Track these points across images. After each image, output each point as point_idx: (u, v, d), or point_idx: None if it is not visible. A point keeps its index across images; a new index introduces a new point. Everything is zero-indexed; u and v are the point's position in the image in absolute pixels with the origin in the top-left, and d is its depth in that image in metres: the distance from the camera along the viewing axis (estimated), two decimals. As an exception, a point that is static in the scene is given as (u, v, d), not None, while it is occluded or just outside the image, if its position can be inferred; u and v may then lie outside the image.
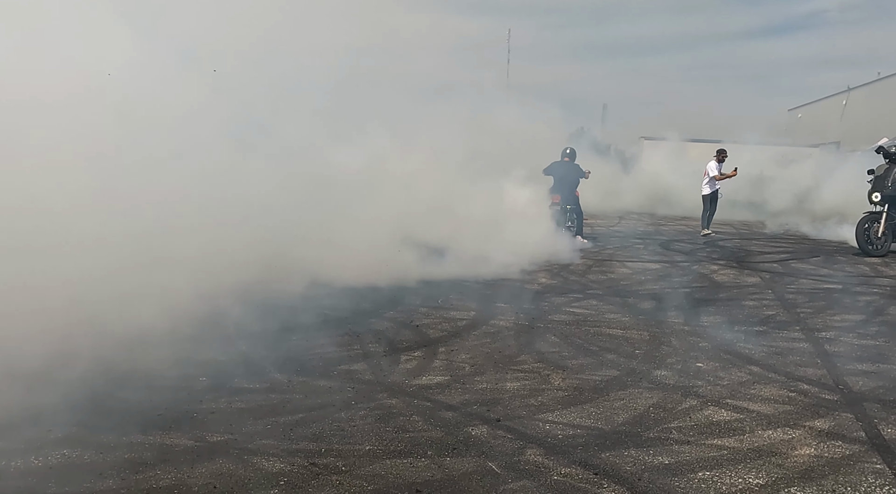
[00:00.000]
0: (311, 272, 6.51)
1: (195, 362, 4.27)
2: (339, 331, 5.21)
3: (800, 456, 3.18)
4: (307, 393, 3.87)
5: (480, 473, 2.93)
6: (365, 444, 3.20)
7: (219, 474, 2.86)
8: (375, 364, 4.46)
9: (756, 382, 4.25)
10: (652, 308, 6.34)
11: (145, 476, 2.83)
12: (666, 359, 4.70)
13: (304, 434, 3.30)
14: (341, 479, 2.85)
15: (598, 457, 3.12)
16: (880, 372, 4.52)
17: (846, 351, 5.02)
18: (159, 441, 3.17)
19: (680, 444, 3.29)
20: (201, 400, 3.70)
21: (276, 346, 4.71)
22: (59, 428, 3.24)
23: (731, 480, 2.93)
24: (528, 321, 5.73)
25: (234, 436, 3.25)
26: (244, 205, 5.83)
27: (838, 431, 3.49)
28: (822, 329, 5.67)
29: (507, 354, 4.76)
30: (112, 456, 3.00)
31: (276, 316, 5.31)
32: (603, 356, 4.76)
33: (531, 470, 2.97)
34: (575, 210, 10.85)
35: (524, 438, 3.32)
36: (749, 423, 3.57)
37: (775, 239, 12.93)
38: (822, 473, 3.01)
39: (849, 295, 7.17)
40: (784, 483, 2.91)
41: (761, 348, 5.03)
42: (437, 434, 3.33)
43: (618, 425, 3.52)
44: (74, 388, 3.62)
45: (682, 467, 3.04)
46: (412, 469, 2.96)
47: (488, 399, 3.85)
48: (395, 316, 5.81)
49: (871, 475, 3.00)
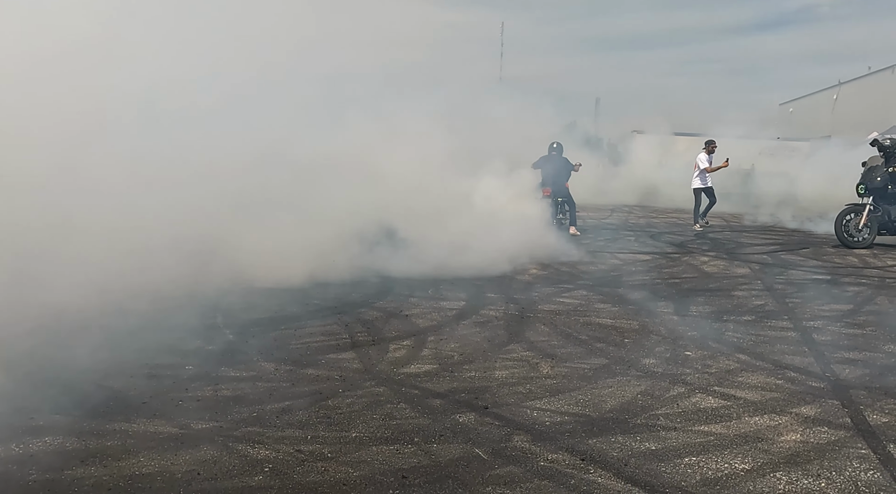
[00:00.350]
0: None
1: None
2: (329, 321, 5.18)
3: (786, 442, 3.19)
4: (294, 381, 3.84)
5: (467, 459, 2.92)
6: (351, 431, 3.19)
7: (203, 461, 2.84)
8: (364, 353, 4.44)
9: (744, 370, 4.26)
10: (642, 298, 6.35)
11: (128, 463, 2.80)
12: (654, 348, 4.71)
13: (290, 421, 3.28)
14: (327, 465, 2.83)
15: (585, 443, 3.11)
16: (867, 360, 4.55)
17: (834, 339, 5.04)
18: (143, 428, 3.14)
19: (667, 430, 3.29)
20: (187, 387, 3.67)
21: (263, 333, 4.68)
22: (40, 417, 3.21)
23: (718, 465, 2.93)
24: (517, 311, 5.72)
25: (220, 424, 3.22)
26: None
27: (824, 417, 3.50)
28: (810, 318, 5.69)
29: (496, 343, 4.75)
30: (94, 444, 2.96)
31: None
32: (592, 345, 4.76)
33: (518, 456, 2.96)
34: (567, 201, 10.86)
35: (511, 425, 3.31)
36: (736, 410, 3.58)
37: (765, 231, 12.99)
38: (808, 458, 3.02)
39: (837, 286, 7.21)
40: (770, 467, 2.92)
41: (749, 337, 5.05)
42: (424, 422, 3.32)
43: (605, 412, 3.52)
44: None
45: (669, 452, 3.04)
46: (398, 456, 2.94)
47: (476, 387, 3.84)
48: (385, 305, 5.79)
49: (856, 459, 3.02)
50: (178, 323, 4.75)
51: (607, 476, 2.81)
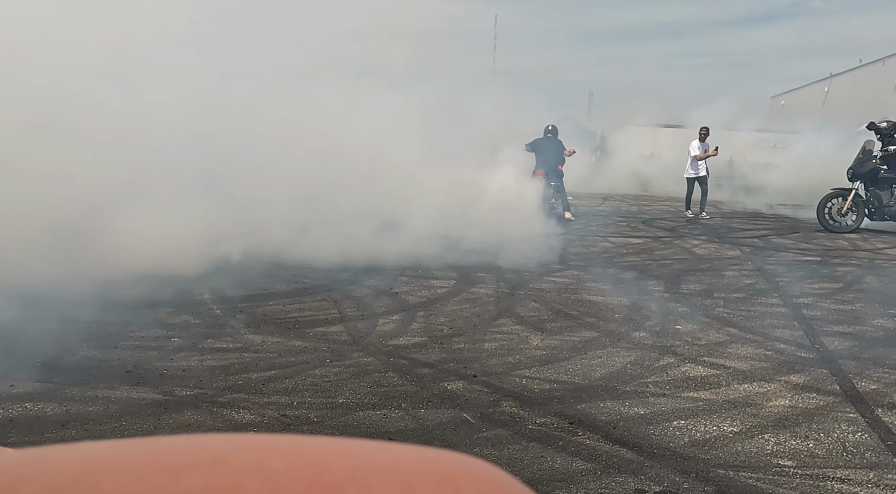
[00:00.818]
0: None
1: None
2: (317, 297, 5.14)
3: (774, 407, 3.18)
4: (281, 352, 3.80)
5: (455, 423, 2.89)
6: (338, 397, 3.15)
7: (185, 425, 2.80)
8: (352, 326, 4.40)
9: (733, 342, 4.25)
10: (633, 277, 6.34)
11: (109, 428, 2.75)
12: (645, 322, 4.69)
13: (276, 388, 3.24)
14: (312, 428, 2.80)
15: (574, 409, 3.09)
16: (856, 333, 4.55)
17: (823, 315, 5.05)
18: (126, 395, 3.10)
19: (656, 397, 3.28)
20: (172, 358, 3.62)
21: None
22: (20, 384, 3.15)
23: (706, 428, 2.92)
24: (508, 289, 5.70)
25: (204, 391, 3.18)
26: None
27: (813, 384, 3.50)
28: (799, 295, 5.70)
29: (486, 318, 4.72)
30: (75, 409, 2.92)
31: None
32: (582, 319, 4.74)
33: (506, 421, 2.94)
34: (558, 186, 10.82)
35: (500, 392, 3.28)
36: (725, 378, 3.57)
37: (756, 217, 13.01)
38: (796, 421, 3.01)
39: (827, 267, 7.22)
40: (758, 430, 2.91)
41: (740, 312, 5.05)
42: (413, 389, 3.29)
43: (594, 380, 3.50)
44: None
45: (658, 417, 3.03)
46: (385, 420, 2.91)
47: (465, 357, 3.81)
48: (376, 284, 5.75)
49: (845, 422, 3.01)
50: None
51: (596, 438, 2.79)
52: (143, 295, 4.88)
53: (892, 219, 10.00)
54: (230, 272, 5.80)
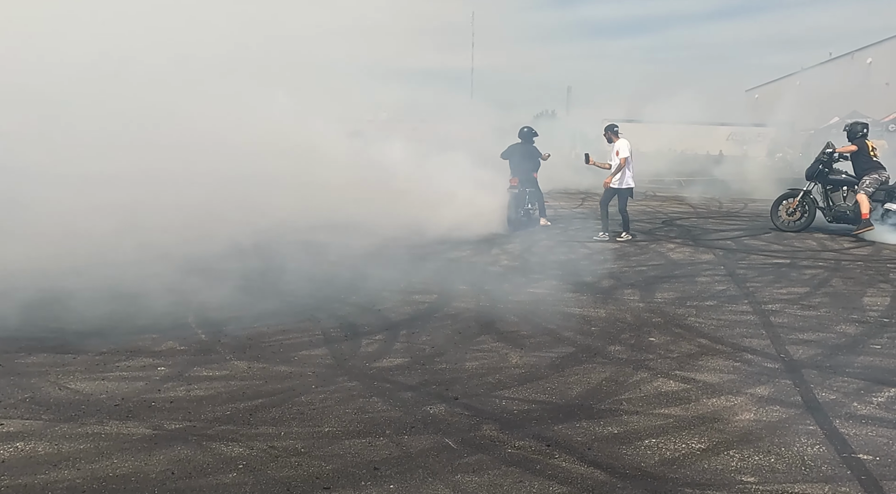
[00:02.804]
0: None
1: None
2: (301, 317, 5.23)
3: (740, 421, 3.36)
4: (267, 379, 3.89)
5: (437, 449, 3.02)
6: (324, 426, 3.26)
7: (177, 460, 2.88)
8: (336, 348, 4.50)
9: (704, 354, 4.44)
10: (609, 286, 6.52)
11: (101, 466, 2.83)
12: (620, 335, 4.86)
13: (263, 418, 3.34)
14: (300, 460, 2.90)
15: (552, 430, 3.24)
16: (819, 340, 4.77)
17: (789, 322, 5.27)
18: (116, 430, 3.17)
19: (629, 414, 3.44)
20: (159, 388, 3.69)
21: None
22: (9, 422, 3.21)
23: (676, 445, 3.08)
24: (489, 302, 5.83)
25: (193, 423, 3.26)
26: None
27: (777, 396, 3.69)
28: (768, 301, 5.92)
29: (467, 335, 4.85)
30: (67, 447, 2.98)
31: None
32: (560, 333, 4.90)
33: (486, 445, 3.07)
34: (535, 193, 10.98)
35: (481, 414, 3.42)
36: (695, 392, 3.75)
37: (730, 216, 13.32)
38: (760, 436, 3.19)
39: (795, 270, 7.48)
40: (724, 446, 3.08)
41: (711, 321, 5.24)
42: (396, 414, 3.41)
43: (571, 399, 3.65)
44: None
45: (630, 435, 3.19)
46: (370, 449, 3.02)
47: (447, 378, 3.93)
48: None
49: (804, 435, 3.20)
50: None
51: (571, 460, 2.93)
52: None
53: (836, 221, 10.21)
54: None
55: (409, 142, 11.07)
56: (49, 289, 5.34)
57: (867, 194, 9.63)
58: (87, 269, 5.89)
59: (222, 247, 7.03)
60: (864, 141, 9.92)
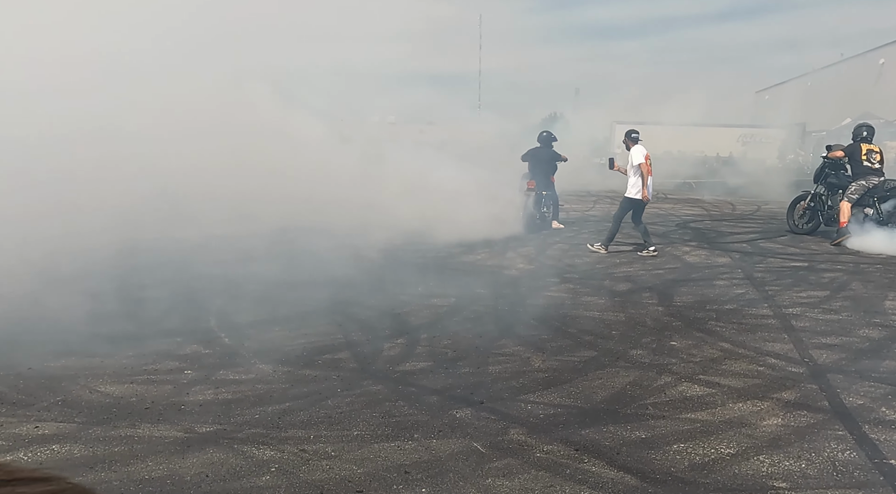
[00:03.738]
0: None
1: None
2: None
3: (768, 426, 3.35)
4: (293, 383, 3.92)
5: (466, 453, 3.03)
6: (353, 429, 3.28)
7: (210, 463, 2.92)
8: (359, 352, 4.52)
9: (727, 358, 4.43)
10: (627, 290, 6.51)
11: (136, 468, 2.87)
12: (641, 339, 4.86)
13: (292, 421, 3.37)
14: (331, 463, 2.93)
15: (579, 434, 3.24)
16: (843, 344, 4.75)
17: (811, 325, 5.24)
18: (148, 433, 3.21)
19: (656, 419, 3.44)
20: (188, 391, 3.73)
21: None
22: (44, 425, 3.26)
23: (704, 451, 3.08)
24: (507, 306, 5.85)
25: (224, 426, 3.30)
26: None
27: (804, 401, 3.68)
28: (788, 305, 5.89)
29: (488, 339, 4.86)
30: (102, 450, 3.03)
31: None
32: (581, 337, 4.90)
33: (515, 449, 3.09)
34: (551, 196, 11.01)
35: (507, 419, 3.43)
36: (720, 397, 3.74)
37: (744, 219, 13.26)
38: (789, 441, 3.19)
39: (814, 273, 7.44)
40: (753, 451, 3.08)
41: (732, 325, 5.23)
42: (423, 418, 3.43)
43: (596, 403, 3.66)
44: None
45: (658, 440, 3.19)
46: (400, 452, 3.05)
47: (471, 382, 3.95)
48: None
49: (834, 441, 3.19)
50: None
51: (601, 464, 2.94)
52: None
53: (826, 224, 10.07)
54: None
55: (417, 144, 11.13)
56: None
57: (851, 201, 9.32)
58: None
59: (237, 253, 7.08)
60: (858, 145, 9.59)
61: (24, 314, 4.78)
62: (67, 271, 5.79)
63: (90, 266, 6.19)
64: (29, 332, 4.57)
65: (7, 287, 5.00)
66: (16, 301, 4.89)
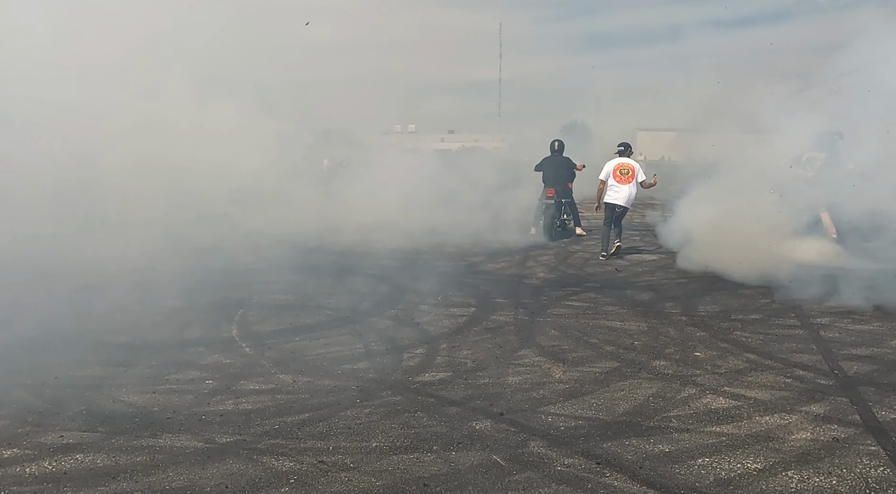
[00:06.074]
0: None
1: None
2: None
3: (797, 441, 3.26)
4: (312, 393, 3.93)
5: (486, 466, 3.00)
6: (371, 441, 3.27)
7: (229, 474, 2.93)
8: (378, 362, 4.52)
9: (753, 369, 4.33)
10: (649, 299, 6.42)
11: (158, 479, 2.89)
12: (664, 349, 4.78)
13: (311, 432, 3.36)
14: (350, 476, 2.92)
15: (601, 447, 3.19)
16: (874, 356, 4.61)
17: (841, 336, 5.10)
18: (170, 443, 3.23)
19: (679, 432, 3.36)
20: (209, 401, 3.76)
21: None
22: (68, 434, 3.30)
23: (731, 465, 3.00)
24: (527, 315, 5.80)
25: (243, 437, 3.31)
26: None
27: (834, 415, 3.57)
28: (817, 315, 5.75)
29: (508, 349, 4.82)
30: (124, 460, 3.05)
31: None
32: (602, 348, 4.83)
33: (535, 462, 3.04)
34: (570, 203, 10.95)
35: (527, 431, 3.39)
36: (747, 410, 3.65)
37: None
38: (819, 456, 3.09)
39: (843, 282, 7.24)
40: (782, 466, 2.99)
41: (758, 336, 5.11)
42: (442, 429, 3.40)
43: (618, 415, 3.59)
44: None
45: (682, 454, 3.12)
46: (419, 464, 3.02)
47: (491, 393, 3.91)
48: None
49: (866, 456, 3.08)
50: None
51: (623, 478, 2.88)
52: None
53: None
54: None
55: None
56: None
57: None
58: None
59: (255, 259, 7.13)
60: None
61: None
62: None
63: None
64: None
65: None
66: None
